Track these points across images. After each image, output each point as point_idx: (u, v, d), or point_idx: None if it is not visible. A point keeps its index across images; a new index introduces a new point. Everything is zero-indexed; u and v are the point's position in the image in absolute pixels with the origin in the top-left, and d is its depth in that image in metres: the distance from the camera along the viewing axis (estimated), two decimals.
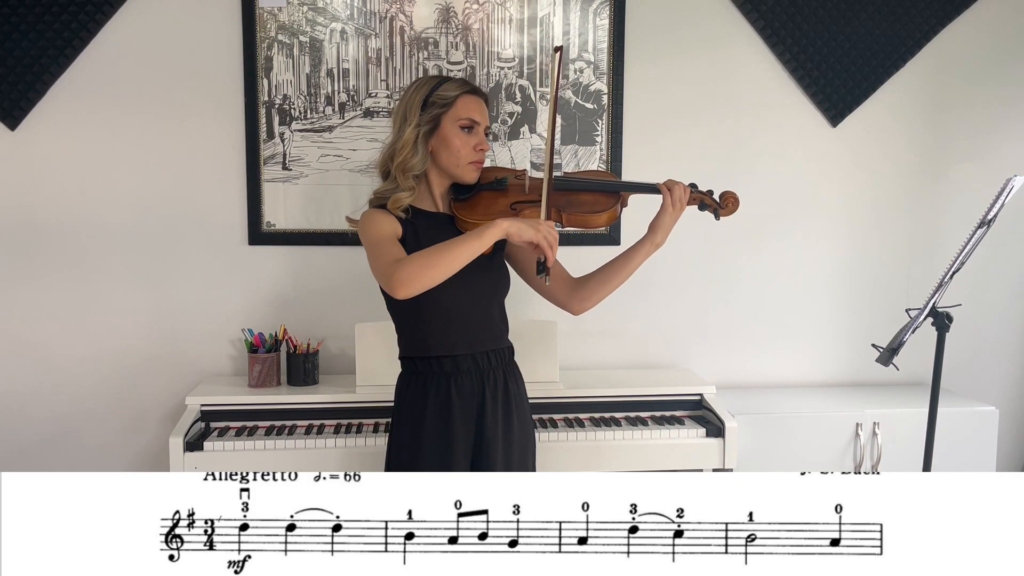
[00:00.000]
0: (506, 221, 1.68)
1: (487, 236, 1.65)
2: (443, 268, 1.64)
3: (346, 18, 2.56)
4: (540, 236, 1.67)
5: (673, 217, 1.86)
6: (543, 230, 1.68)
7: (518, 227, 1.67)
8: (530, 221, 1.69)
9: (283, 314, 2.62)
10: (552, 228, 1.70)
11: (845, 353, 2.85)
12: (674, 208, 1.86)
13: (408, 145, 1.80)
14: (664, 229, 1.86)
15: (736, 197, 1.92)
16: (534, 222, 1.69)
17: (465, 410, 1.82)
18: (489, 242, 1.66)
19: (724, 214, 1.92)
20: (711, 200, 1.91)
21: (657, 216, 1.87)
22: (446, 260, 1.64)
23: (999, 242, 2.79)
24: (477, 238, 1.65)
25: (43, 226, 2.54)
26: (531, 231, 1.67)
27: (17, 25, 2.44)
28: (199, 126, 2.55)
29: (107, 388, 2.61)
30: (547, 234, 1.68)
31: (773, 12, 2.67)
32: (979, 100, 2.80)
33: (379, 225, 1.79)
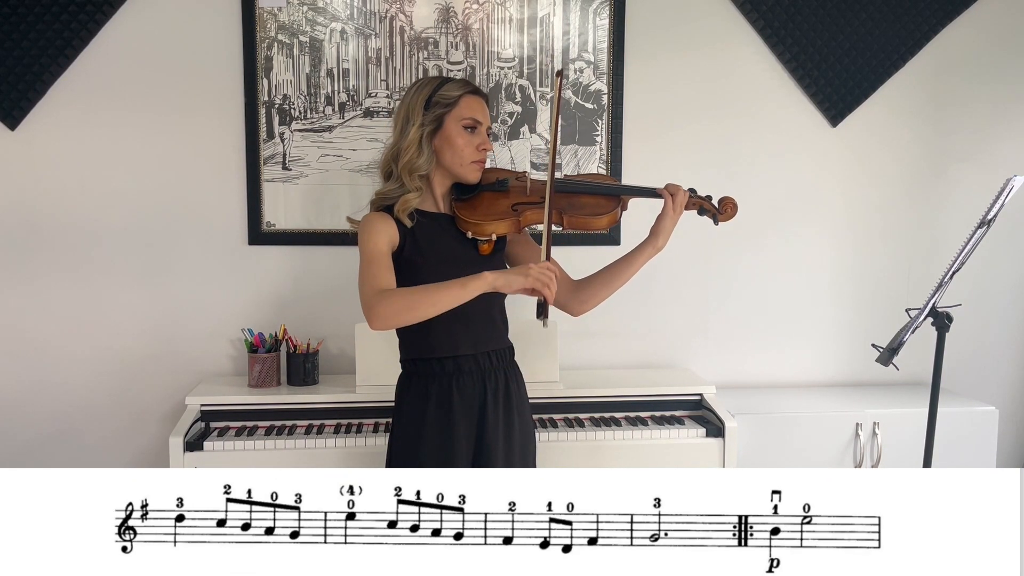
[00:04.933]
0: (492, 274, 1.67)
1: (471, 288, 1.66)
2: (421, 312, 1.68)
3: (346, 18, 2.56)
4: (531, 282, 1.65)
5: (673, 221, 1.87)
6: (534, 273, 1.65)
7: (506, 280, 1.66)
8: (520, 269, 1.67)
9: (283, 314, 2.62)
10: (544, 269, 1.66)
11: (845, 353, 2.86)
12: (675, 212, 1.87)
13: (413, 145, 1.80)
14: (665, 233, 1.87)
15: (735, 203, 1.93)
16: (524, 268, 1.67)
17: (466, 410, 1.83)
18: (472, 295, 1.67)
19: (722, 219, 1.93)
20: (710, 205, 1.93)
21: (658, 220, 1.87)
22: (425, 305, 1.67)
23: (999, 242, 2.79)
24: (461, 287, 1.66)
25: (43, 226, 2.55)
26: (520, 280, 1.65)
27: (17, 25, 2.44)
28: (199, 126, 2.55)
29: (107, 387, 2.61)
30: (539, 276, 1.65)
31: (773, 12, 2.67)
32: (979, 100, 2.80)
33: (376, 236, 1.77)
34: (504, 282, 1.66)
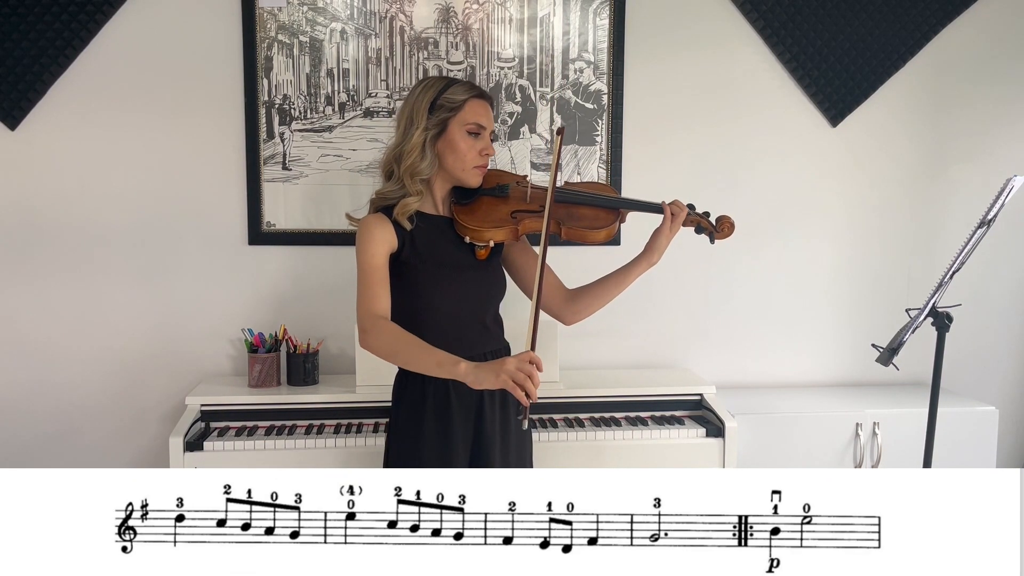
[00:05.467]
0: (467, 366, 1.61)
1: (445, 371, 1.65)
2: (400, 363, 1.77)
3: (346, 18, 2.56)
4: (501, 381, 1.56)
5: (669, 238, 1.88)
6: (508, 371, 1.56)
7: (476, 376, 1.60)
8: (494, 367, 1.58)
9: (283, 314, 2.62)
10: (523, 363, 1.56)
11: (845, 353, 2.86)
12: (672, 230, 1.87)
13: (416, 149, 1.79)
14: (660, 249, 1.88)
15: (732, 222, 1.94)
16: (498, 365, 1.57)
17: (464, 410, 1.83)
18: (445, 375, 1.66)
19: (719, 238, 1.95)
20: (707, 223, 1.93)
21: (655, 236, 1.88)
22: (402, 360, 1.75)
23: (999, 242, 2.79)
24: (436, 365, 1.66)
25: (43, 226, 2.55)
26: (491, 378, 1.58)
27: (17, 25, 2.44)
28: (199, 126, 2.56)
29: (107, 387, 2.61)
30: (514, 375, 1.55)
31: (773, 12, 2.67)
32: (979, 100, 2.80)
33: (374, 248, 1.76)
34: (474, 379, 1.60)
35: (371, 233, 1.78)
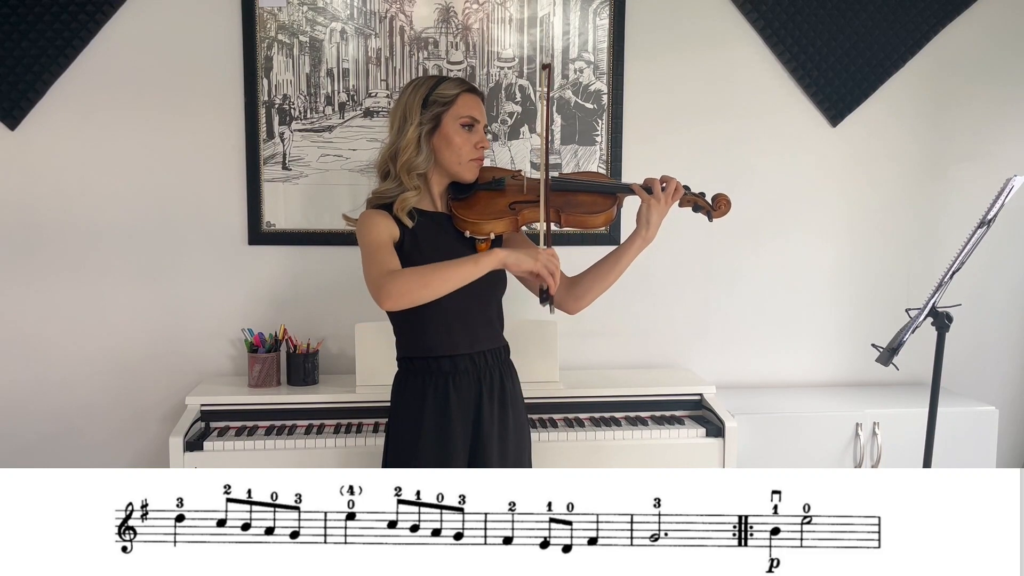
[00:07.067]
0: (503, 251, 1.69)
1: (483, 264, 1.67)
2: (435, 288, 1.66)
3: (346, 18, 2.56)
4: (540, 265, 1.69)
5: (659, 210, 1.84)
6: (542, 259, 1.69)
7: (516, 258, 1.69)
8: (529, 251, 1.70)
9: (283, 314, 2.62)
10: (552, 256, 1.70)
11: (845, 353, 2.85)
12: (661, 202, 1.84)
13: (411, 144, 1.80)
14: (654, 223, 1.84)
15: (728, 199, 1.94)
16: (533, 252, 1.70)
17: (463, 409, 1.83)
18: (484, 270, 1.68)
19: (716, 216, 1.94)
20: (704, 202, 1.93)
21: (643, 209, 1.84)
22: (438, 280, 1.66)
23: (999, 242, 2.79)
24: (473, 264, 1.67)
25: (43, 225, 2.54)
26: (530, 261, 1.69)
27: (17, 25, 2.44)
28: (199, 126, 2.55)
29: (107, 387, 2.61)
30: (547, 263, 1.69)
31: (773, 12, 2.67)
32: (979, 100, 2.80)
33: (377, 229, 1.78)
34: (514, 260, 1.69)
35: (372, 220, 1.79)
